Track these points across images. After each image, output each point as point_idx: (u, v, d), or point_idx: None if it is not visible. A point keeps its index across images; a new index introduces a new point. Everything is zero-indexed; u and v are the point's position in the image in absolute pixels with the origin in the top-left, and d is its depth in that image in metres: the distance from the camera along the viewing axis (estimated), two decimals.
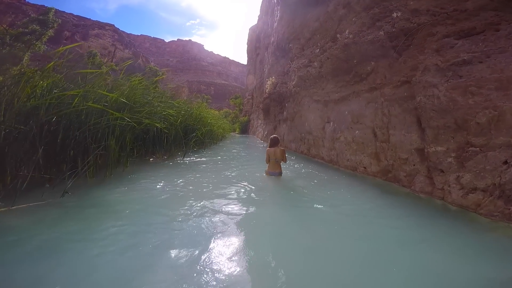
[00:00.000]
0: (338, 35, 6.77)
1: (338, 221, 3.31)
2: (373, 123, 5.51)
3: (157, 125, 5.79)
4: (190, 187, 4.71)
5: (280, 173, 5.33)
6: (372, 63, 5.70)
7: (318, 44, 8.00)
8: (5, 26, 27.77)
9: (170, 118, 7.71)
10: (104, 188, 4.32)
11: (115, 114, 4.91)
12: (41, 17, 26.38)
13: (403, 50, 4.92)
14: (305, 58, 8.55)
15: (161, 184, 4.82)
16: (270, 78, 13.64)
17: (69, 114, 4.58)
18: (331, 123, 7.10)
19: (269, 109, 15.39)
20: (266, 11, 23.16)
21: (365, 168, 5.81)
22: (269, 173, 5.33)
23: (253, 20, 40.48)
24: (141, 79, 7.19)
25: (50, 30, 28.75)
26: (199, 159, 7.90)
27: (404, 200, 4.19)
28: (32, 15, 26.97)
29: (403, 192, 4.60)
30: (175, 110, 8.29)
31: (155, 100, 7.65)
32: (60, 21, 29.27)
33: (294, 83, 9.05)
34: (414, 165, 4.50)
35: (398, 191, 4.71)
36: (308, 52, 8.67)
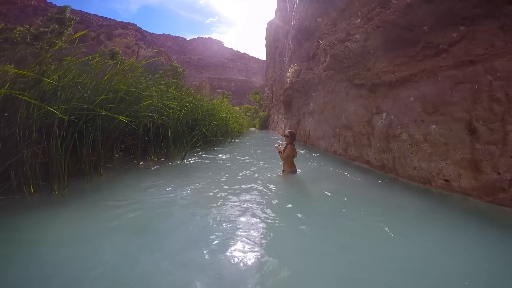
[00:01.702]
0: None
1: None
2: (470, 113, 3.34)
3: (122, 118, 3.86)
4: (172, 207, 3.11)
5: (296, 170, 4.62)
6: (461, 27, 3.58)
7: (359, 13, 5.85)
8: (26, 26, 27.24)
9: (169, 112, 5.87)
10: (38, 211, 2.78)
11: (39, 105, 3.12)
12: (57, 15, 25.49)
13: None
14: (340, 32, 6.39)
15: (131, 201, 3.23)
16: (292, 66, 11.50)
17: None
18: (384, 115, 4.94)
19: (291, 101, 13.24)
20: None
21: (447, 181, 3.67)
22: (288, 172, 4.53)
23: (271, 15, 38.61)
24: (126, 64, 5.35)
25: (69, 28, 28.01)
26: (204, 160, 6.04)
27: None
28: (49, 14, 26.14)
29: None
30: (176, 102, 6.43)
31: (151, 89, 5.82)
32: (77, 19, 28.39)
33: (325, 65, 6.90)
34: None
35: None
36: (343, 25, 6.50)
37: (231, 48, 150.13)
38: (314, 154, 7.88)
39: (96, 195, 3.39)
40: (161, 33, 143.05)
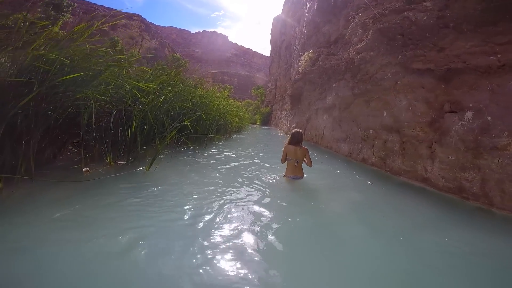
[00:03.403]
0: None
1: None
2: None
3: None
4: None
5: (301, 177, 3.67)
6: None
7: None
8: (24, 13, 25.41)
9: (140, 96, 4.04)
10: None
11: None
12: (54, 1, 23.66)
13: None
14: (392, 1, 4.59)
15: None
16: (306, 53, 9.65)
17: None
18: (469, 114, 3.17)
19: (301, 94, 11.42)
20: None
21: None
22: (288, 177, 3.67)
23: (277, 10, 36.56)
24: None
25: (67, 14, 26.14)
26: (184, 164, 4.23)
27: None
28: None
29: None
30: (153, 83, 4.51)
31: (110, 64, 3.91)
32: (75, 5, 26.50)
33: (362, 45, 5.08)
34: None
35: None
36: None
37: (235, 43, 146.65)
38: (326, 157, 6.15)
39: None
40: (166, 26, 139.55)
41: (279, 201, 2.94)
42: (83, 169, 3.17)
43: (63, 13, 26.42)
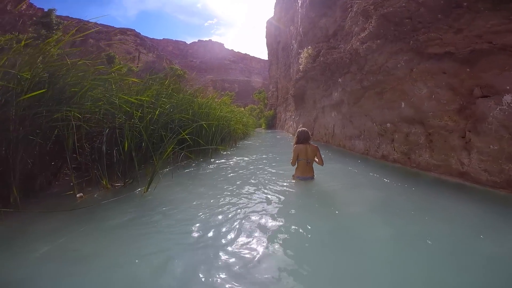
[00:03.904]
0: None
1: None
2: None
3: None
4: None
5: (312, 177, 3.45)
6: None
7: None
8: (15, 33, 25.64)
9: (130, 110, 3.68)
10: None
11: None
12: (42, 19, 23.84)
13: None
14: None
15: None
16: (305, 50, 9.25)
17: None
18: (508, 98, 2.73)
19: (305, 93, 11.00)
20: None
21: None
22: (298, 178, 3.42)
23: (270, 13, 36.36)
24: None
25: (58, 32, 26.43)
26: (187, 181, 3.84)
27: None
28: (34, 19, 24.57)
29: None
30: (145, 96, 4.13)
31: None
32: (65, 22, 26.83)
33: (366, 34, 4.66)
34: None
35: None
36: None
37: (232, 50, 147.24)
38: (340, 156, 5.69)
39: None
40: (161, 38, 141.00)
41: (294, 207, 2.73)
42: (77, 195, 2.86)
43: (53, 31, 26.77)
